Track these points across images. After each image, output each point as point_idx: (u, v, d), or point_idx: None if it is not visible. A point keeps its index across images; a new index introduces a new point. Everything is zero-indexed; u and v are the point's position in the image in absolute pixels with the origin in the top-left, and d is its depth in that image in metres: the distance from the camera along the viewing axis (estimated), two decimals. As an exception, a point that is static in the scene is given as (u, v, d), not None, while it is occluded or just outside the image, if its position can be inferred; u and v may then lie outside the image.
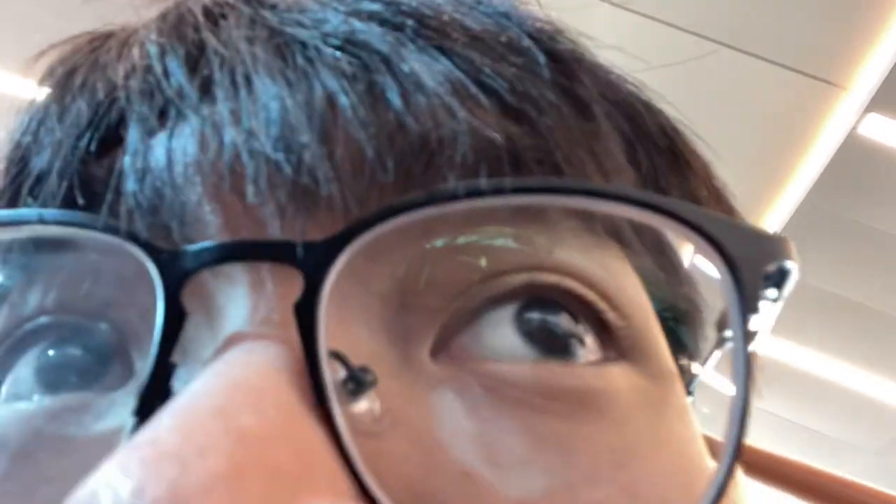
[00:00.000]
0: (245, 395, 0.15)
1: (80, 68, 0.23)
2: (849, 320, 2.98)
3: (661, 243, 0.24)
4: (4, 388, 0.21)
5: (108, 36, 0.24)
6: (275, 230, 0.18)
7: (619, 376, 0.20)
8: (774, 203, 2.68)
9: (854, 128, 2.37)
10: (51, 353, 0.20)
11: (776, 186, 2.63)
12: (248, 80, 0.19)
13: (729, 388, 0.19)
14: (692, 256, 0.22)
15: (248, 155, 0.18)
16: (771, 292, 0.20)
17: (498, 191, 0.18)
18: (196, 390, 0.15)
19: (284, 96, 0.19)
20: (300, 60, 0.20)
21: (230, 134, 0.19)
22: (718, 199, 0.27)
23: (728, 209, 0.27)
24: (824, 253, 2.77)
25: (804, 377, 3.25)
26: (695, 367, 0.25)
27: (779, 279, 0.20)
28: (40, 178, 0.21)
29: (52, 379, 0.20)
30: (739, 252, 0.19)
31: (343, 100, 0.19)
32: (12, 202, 0.22)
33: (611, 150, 0.22)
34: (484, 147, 0.19)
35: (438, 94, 0.19)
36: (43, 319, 0.20)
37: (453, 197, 0.18)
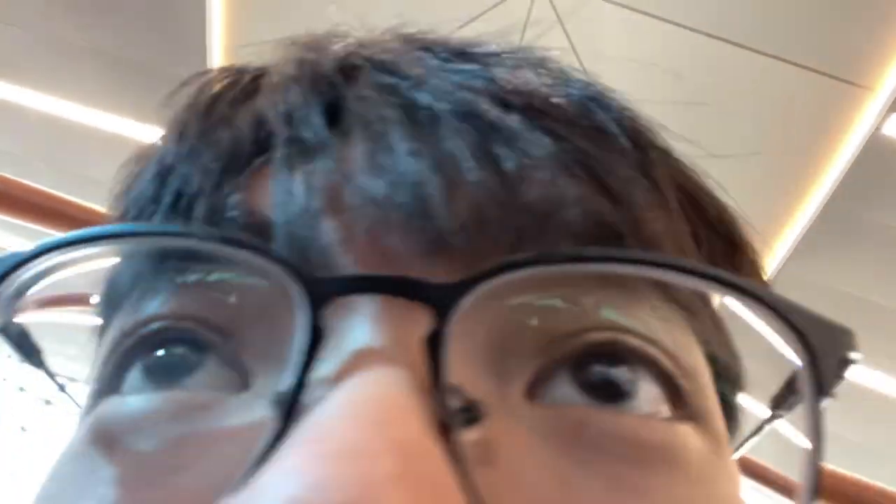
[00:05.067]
0: (394, 411, 0.17)
1: (222, 101, 0.26)
2: (874, 323, 2.95)
3: (717, 316, 0.26)
4: (127, 381, 0.23)
5: (242, 74, 0.27)
6: (404, 269, 0.21)
7: (688, 435, 0.22)
8: (798, 204, 2.66)
9: (878, 128, 2.35)
10: (172, 353, 0.22)
11: (800, 188, 2.61)
12: (384, 136, 0.22)
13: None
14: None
15: (384, 203, 0.21)
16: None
17: (607, 259, 0.21)
18: (347, 400, 0.17)
19: (416, 153, 0.21)
20: (428, 124, 0.22)
21: (367, 182, 0.21)
22: (765, 286, 0.29)
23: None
24: (849, 255, 2.74)
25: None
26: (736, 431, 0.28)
27: (843, 367, 0.23)
28: (187, 200, 0.23)
29: (173, 376, 0.22)
30: (819, 343, 0.22)
31: (466, 163, 0.21)
32: (147, 217, 0.24)
33: (681, 232, 0.25)
34: (586, 222, 0.22)
35: (548, 167, 0.22)
36: (165, 323, 0.23)
37: (567, 259, 0.21)
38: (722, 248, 0.27)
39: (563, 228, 0.21)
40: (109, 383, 0.23)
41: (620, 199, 0.23)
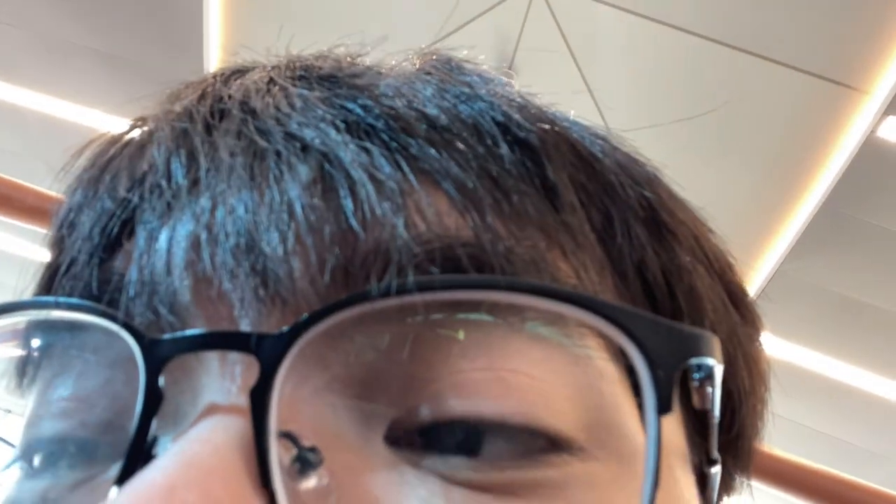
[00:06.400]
0: (195, 471, 0.18)
1: (112, 163, 0.26)
2: (869, 325, 2.95)
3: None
4: (35, 458, 0.24)
5: (139, 124, 0.28)
6: (241, 320, 0.21)
7: (556, 467, 0.21)
8: (794, 206, 2.66)
9: (873, 131, 2.36)
10: (64, 430, 0.23)
11: (795, 190, 2.62)
12: (224, 190, 0.23)
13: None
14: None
15: (218, 256, 0.21)
16: (705, 384, 0.22)
17: (423, 288, 0.21)
18: (155, 467, 0.18)
19: (250, 203, 0.22)
20: (273, 169, 0.23)
21: (205, 237, 0.22)
22: (709, 262, 0.28)
23: (721, 269, 0.29)
24: (843, 257, 2.75)
25: (826, 384, 3.22)
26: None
27: (707, 373, 0.22)
28: (70, 265, 0.24)
29: (62, 455, 0.23)
30: (656, 348, 0.21)
31: (299, 207, 0.22)
32: (49, 283, 0.26)
33: (576, 230, 0.24)
34: (414, 250, 0.21)
35: (380, 201, 0.22)
36: (62, 404, 0.24)
37: (386, 294, 0.20)
38: (644, 231, 0.26)
39: (395, 263, 0.21)
40: (22, 455, 0.24)
41: (472, 217, 0.22)
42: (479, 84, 0.26)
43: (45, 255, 0.27)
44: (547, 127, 0.26)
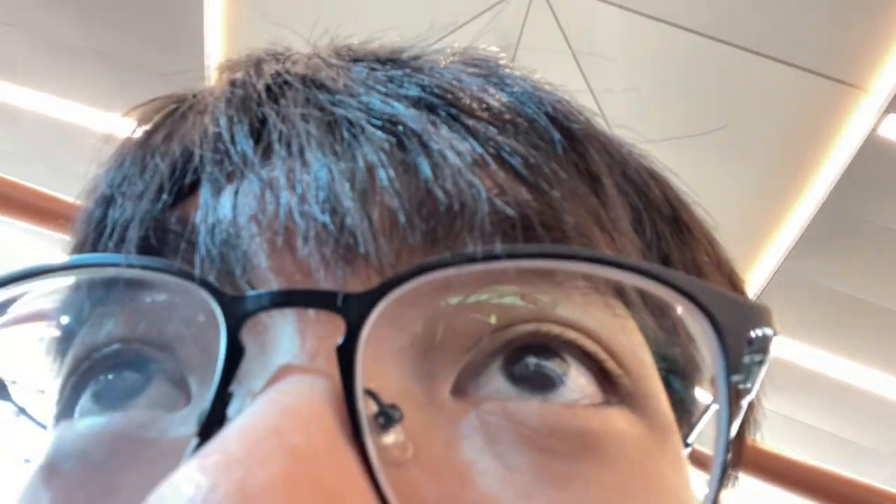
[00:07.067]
0: (295, 419, 0.18)
1: (159, 130, 0.27)
2: (870, 323, 2.95)
3: (664, 306, 0.25)
4: (80, 404, 0.24)
5: (181, 102, 0.28)
6: (320, 279, 0.21)
7: (617, 419, 0.22)
8: (795, 205, 2.66)
9: (874, 129, 2.36)
10: (121, 375, 0.24)
11: (796, 188, 2.62)
12: (302, 152, 0.23)
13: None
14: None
15: (300, 215, 0.22)
16: (756, 356, 0.23)
17: (511, 255, 0.21)
18: (255, 413, 0.18)
19: (331, 166, 0.22)
20: (346, 136, 0.23)
21: (286, 196, 0.22)
22: (719, 264, 0.30)
23: (727, 273, 0.30)
24: (845, 256, 2.75)
25: (828, 383, 3.22)
26: (693, 420, 0.27)
27: (762, 343, 0.23)
28: (123, 226, 0.24)
29: (121, 397, 0.23)
30: (725, 319, 0.22)
31: (381, 171, 0.22)
32: (94, 244, 0.25)
33: (617, 217, 0.25)
34: (499, 216, 0.22)
35: (462, 169, 0.23)
36: (116, 346, 0.24)
37: (474, 259, 0.21)
38: (669, 229, 0.28)
39: (478, 228, 0.22)
40: (65, 408, 0.24)
41: (541, 192, 0.23)
42: (521, 79, 0.28)
43: (73, 233, 0.27)
44: (585, 122, 0.27)
